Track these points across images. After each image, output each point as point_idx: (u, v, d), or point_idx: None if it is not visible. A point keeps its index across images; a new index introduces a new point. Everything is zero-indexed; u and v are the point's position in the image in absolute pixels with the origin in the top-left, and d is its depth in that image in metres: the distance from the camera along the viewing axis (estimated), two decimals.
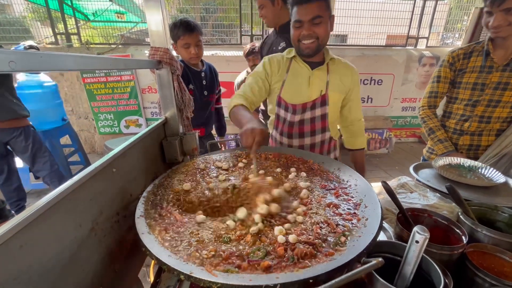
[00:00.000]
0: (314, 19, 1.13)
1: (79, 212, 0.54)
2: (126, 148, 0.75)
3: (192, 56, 1.78)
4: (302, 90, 1.29)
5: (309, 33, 1.16)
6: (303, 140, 1.35)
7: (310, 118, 1.31)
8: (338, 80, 1.31)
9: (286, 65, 1.31)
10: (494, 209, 0.89)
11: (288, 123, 1.32)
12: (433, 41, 4.94)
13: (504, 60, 1.35)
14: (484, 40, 1.42)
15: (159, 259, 0.56)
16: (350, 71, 1.35)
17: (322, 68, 1.28)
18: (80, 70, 0.46)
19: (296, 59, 1.30)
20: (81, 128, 4.50)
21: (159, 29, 1.02)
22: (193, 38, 1.73)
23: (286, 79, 1.29)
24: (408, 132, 5.06)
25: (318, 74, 1.28)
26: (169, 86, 1.08)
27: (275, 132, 1.41)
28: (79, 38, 4.27)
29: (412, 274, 0.57)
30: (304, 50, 1.21)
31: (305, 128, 1.32)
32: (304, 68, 1.28)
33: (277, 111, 1.35)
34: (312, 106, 1.29)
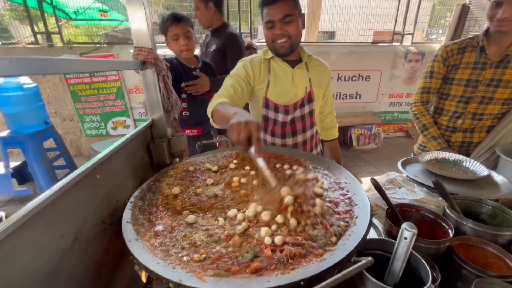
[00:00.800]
0: (285, 17, 1.14)
1: (60, 222, 0.52)
2: (110, 153, 0.73)
3: (182, 49, 1.72)
4: (288, 89, 1.29)
5: (281, 32, 1.17)
6: (296, 138, 1.37)
7: (301, 116, 1.33)
8: (318, 76, 1.36)
9: (266, 66, 1.30)
10: (478, 202, 0.91)
11: (280, 124, 1.32)
12: (418, 37, 5.06)
13: (498, 56, 1.35)
14: (478, 35, 1.41)
15: (146, 267, 0.54)
16: (325, 67, 1.41)
17: (301, 66, 1.31)
18: (51, 74, 0.43)
19: (275, 60, 1.30)
20: (66, 131, 4.36)
21: (142, 28, 0.99)
22: (182, 29, 1.68)
23: (270, 80, 1.29)
24: (396, 127, 5.17)
25: (299, 72, 1.31)
26: (155, 87, 1.05)
27: (264, 134, 1.39)
28: (61, 37, 4.11)
29: (401, 270, 0.58)
30: (279, 50, 1.23)
31: (297, 126, 1.34)
32: (285, 67, 1.29)
33: (265, 113, 1.33)
34: (301, 104, 1.31)
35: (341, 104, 4.71)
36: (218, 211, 0.78)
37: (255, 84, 1.30)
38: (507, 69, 1.34)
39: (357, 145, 4.57)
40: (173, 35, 1.69)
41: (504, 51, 1.33)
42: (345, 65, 4.40)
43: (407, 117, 5.06)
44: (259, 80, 1.30)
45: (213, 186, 0.91)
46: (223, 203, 0.82)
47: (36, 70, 0.45)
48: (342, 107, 4.72)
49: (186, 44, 1.71)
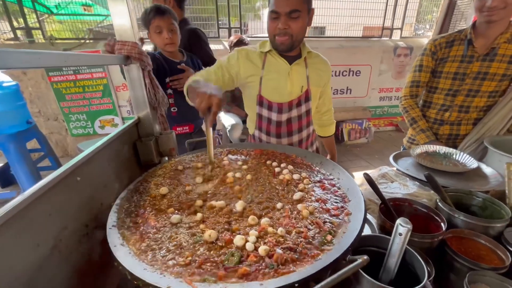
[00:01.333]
0: (292, 12, 1.06)
1: (35, 230, 0.48)
2: (91, 154, 0.68)
3: (166, 42, 1.65)
4: (283, 87, 1.22)
5: (284, 27, 1.08)
6: (292, 138, 1.33)
7: (298, 115, 1.28)
8: (317, 74, 1.29)
9: (260, 59, 1.22)
10: (469, 194, 0.92)
11: (275, 123, 1.27)
12: (407, 32, 5.10)
13: (484, 49, 1.37)
14: (466, 29, 1.42)
15: (132, 274, 0.51)
16: (326, 65, 1.34)
17: (300, 62, 1.23)
18: (27, 68, 0.39)
19: (272, 54, 1.22)
20: (50, 131, 4.20)
21: (125, 22, 0.94)
22: (165, 21, 1.61)
23: (263, 76, 1.22)
24: (386, 121, 5.24)
25: (296, 69, 1.23)
26: (140, 83, 1.01)
27: (259, 133, 1.34)
28: (42, 33, 3.93)
29: (396, 267, 0.57)
30: (279, 46, 1.16)
31: (293, 126, 1.30)
32: (282, 63, 1.21)
33: (259, 111, 1.28)
34: (298, 103, 1.26)
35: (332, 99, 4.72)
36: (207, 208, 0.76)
37: (240, 75, 1.23)
38: (493, 62, 1.36)
39: (348, 140, 4.61)
40: (156, 27, 1.62)
41: (490, 44, 1.35)
42: (336, 60, 4.40)
43: (397, 111, 5.14)
44: (248, 73, 1.23)
45: (203, 184, 0.88)
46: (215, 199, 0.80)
47: (15, 64, 0.41)
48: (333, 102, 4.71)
49: (169, 38, 1.64)
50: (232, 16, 4.35)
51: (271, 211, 0.74)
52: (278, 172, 0.94)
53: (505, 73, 1.36)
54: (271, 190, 0.85)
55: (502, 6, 1.21)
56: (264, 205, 0.77)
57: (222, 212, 0.73)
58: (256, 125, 1.34)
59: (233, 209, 0.75)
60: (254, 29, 5.00)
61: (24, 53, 0.42)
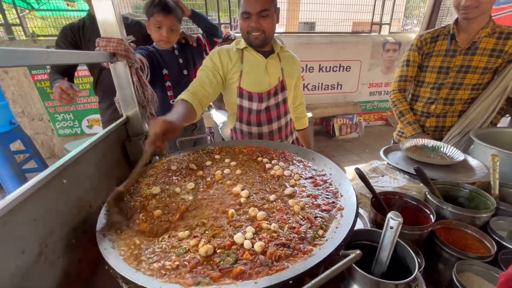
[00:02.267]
0: (261, 12, 1.18)
1: (19, 236, 0.46)
2: (78, 155, 0.66)
3: (162, 39, 1.63)
4: (262, 78, 1.32)
5: (256, 25, 1.20)
6: (271, 126, 1.40)
7: (275, 103, 1.37)
8: (289, 67, 1.41)
9: (238, 56, 1.32)
10: (456, 186, 0.95)
11: (255, 112, 1.34)
12: (395, 27, 5.16)
13: (466, 44, 1.41)
14: (449, 24, 1.46)
15: (124, 277, 0.50)
16: (296, 60, 1.46)
17: (274, 56, 1.35)
18: (3, 67, 0.35)
19: (248, 50, 1.33)
20: (36, 131, 4.06)
21: (109, 17, 0.90)
22: (168, 21, 1.58)
23: (243, 69, 1.30)
24: (376, 116, 5.32)
25: (272, 62, 1.34)
26: (128, 81, 0.98)
27: (240, 124, 1.40)
28: (23, 29, 3.77)
29: (388, 259, 0.58)
30: (253, 42, 1.27)
31: (272, 114, 1.38)
32: (259, 57, 1.32)
33: (240, 103, 1.35)
34: (275, 92, 1.35)
35: (323, 94, 4.76)
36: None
37: (225, 73, 1.31)
38: (475, 56, 1.40)
39: (339, 135, 4.66)
40: (156, 22, 1.59)
41: (472, 38, 1.39)
42: (326, 55, 4.42)
43: (387, 105, 5.22)
44: (230, 70, 1.30)
45: (195, 190, 0.86)
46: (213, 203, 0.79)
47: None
48: (324, 97, 4.77)
49: (167, 37, 1.62)
50: (222, 11, 4.29)
51: (267, 203, 0.75)
52: (269, 168, 0.95)
53: (486, 66, 1.40)
54: (263, 183, 0.85)
55: (475, 5, 1.26)
56: (260, 195, 0.77)
57: (221, 210, 0.72)
58: (237, 117, 1.40)
59: (231, 202, 0.75)
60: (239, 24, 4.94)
61: (7, 51, 0.40)
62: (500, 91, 1.40)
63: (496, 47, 1.37)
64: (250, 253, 0.55)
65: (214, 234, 0.63)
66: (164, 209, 0.75)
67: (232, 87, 1.34)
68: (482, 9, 1.28)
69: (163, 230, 0.67)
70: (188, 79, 1.85)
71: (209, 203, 0.77)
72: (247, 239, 0.59)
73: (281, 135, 1.45)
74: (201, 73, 1.27)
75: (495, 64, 1.39)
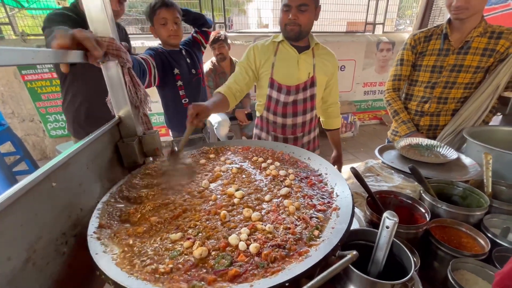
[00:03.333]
0: (301, 6, 1.24)
1: (5, 243, 0.44)
2: (68, 157, 0.64)
3: (170, 34, 1.66)
4: (292, 72, 1.39)
5: (294, 18, 1.26)
6: (296, 119, 1.46)
7: (303, 98, 1.42)
8: (323, 64, 1.44)
9: (273, 48, 1.41)
10: (450, 184, 0.95)
11: (282, 104, 1.42)
12: (388, 27, 5.21)
13: (459, 43, 1.42)
14: (442, 24, 1.48)
15: (116, 282, 0.49)
16: (332, 56, 1.50)
17: (308, 52, 1.40)
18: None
19: (283, 43, 1.40)
20: (26, 133, 3.97)
21: (100, 16, 0.88)
22: (170, 13, 1.63)
23: (275, 62, 1.39)
24: (371, 115, 5.36)
25: (304, 57, 1.39)
26: (120, 81, 0.95)
27: (267, 113, 1.49)
28: (12, 28, 3.68)
29: (384, 259, 0.58)
30: (288, 33, 1.33)
31: (298, 108, 1.44)
32: (292, 51, 1.39)
33: (269, 93, 1.43)
34: (304, 87, 1.40)
35: None
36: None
37: (257, 68, 1.42)
38: (468, 55, 1.42)
39: None
40: (161, 19, 1.63)
41: (464, 38, 1.41)
42: None
43: (381, 105, 5.27)
44: (263, 64, 1.41)
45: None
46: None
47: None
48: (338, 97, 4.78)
49: (174, 29, 1.66)
50: (216, 10, 4.26)
51: (261, 203, 0.74)
52: (265, 167, 0.94)
53: (478, 65, 1.42)
54: (258, 182, 0.85)
55: (465, 7, 1.28)
56: (254, 196, 0.76)
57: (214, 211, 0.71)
58: (265, 106, 1.48)
59: (223, 203, 0.74)
60: (239, 24, 4.92)
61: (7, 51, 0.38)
62: (492, 90, 1.42)
63: (488, 47, 1.39)
64: (245, 254, 0.55)
65: (208, 236, 0.62)
66: (159, 211, 0.73)
67: (265, 79, 1.42)
68: (473, 11, 1.30)
69: (155, 231, 0.66)
70: (197, 78, 1.88)
71: (201, 204, 0.75)
72: (242, 240, 0.58)
73: (304, 129, 1.51)
74: (237, 69, 1.43)
75: (487, 64, 1.41)
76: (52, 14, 1.42)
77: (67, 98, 1.69)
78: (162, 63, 1.67)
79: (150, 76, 1.55)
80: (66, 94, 1.69)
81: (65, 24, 1.28)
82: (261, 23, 5.37)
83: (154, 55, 1.63)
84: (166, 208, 0.75)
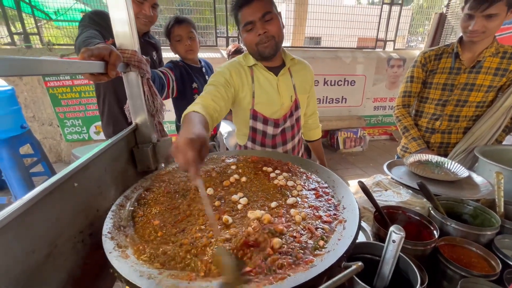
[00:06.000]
0: (265, 15, 1.08)
1: (31, 236, 0.47)
2: (89, 160, 0.69)
3: (186, 49, 1.75)
4: (274, 99, 1.25)
5: (264, 31, 1.09)
6: (286, 146, 1.36)
7: (290, 125, 1.33)
8: (302, 81, 1.33)
9: (249, 74, 1.23)
10: (460, 203, 0.94)
11: (270, 136, 1.30)
12: (399, 43, 5.26)
13: (471, 62, 1.43)
14: (453, 43, 1.49)
15: (128, 280, 0.51)
16: (308, 68, 1.37)
17: (285, 72, 1.26)
18: (28, 75, 0.37)
19: (257, 68, 1.23)
20: (44, 136, 4.15)
21: (125, 30, 0.96)
22: (183, 29, 1.71)
23: (254, 90, 1.22)
24: (380, 130, 5.32)
25: (283, 79, 1.26)
26: (139, 90, 1.02)
27: (252, 144, 1.34)
28: (40, 38, 3.94)
29: (390, 273, 0.58)
30: (264, 52, 1.15)
31: (287, 135, 1.34)
32: (269, 75, 1.23)
33: (253, 124, 1.28)
34: (290, 114, 1.30)
35: (327, 108, 4.80)
36: None
37: (236, 91, 1.21)
38: (479, 74, 1.42)
39: (343, 148, 4.65)
40: (176, 36, 1.72)
41: (476, 57, 1.41)
42: (331, 70, 4.50)
43: (391, 120, 5.23)
44: (242, 88, 1.22)
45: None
46: None
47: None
48: (328, 111, 4.81)
49: (189, 44, 1.74)
50: (230, 25, 4.43)
51: (267, 209, 0.76)
52: (273, 177, 0.96)
53: (490, 84, 1.42)
54: (266, 191, 0.87)
55: (482, 31, 1.29)
56: (260, 203, 0.78)
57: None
58: (249, 137, 1.33)
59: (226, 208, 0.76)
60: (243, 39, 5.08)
61: (27, 61, 0.43)
62: (505, 109, 1.41)
63: (500, 66, 1.39)
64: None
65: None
66: (163, 215, 0.76)
67: (244, 107, 1.25)
68: (489, 34, 1.31)
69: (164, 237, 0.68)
70: None
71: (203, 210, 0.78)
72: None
73: (294, 153, 1.42)
74: (210, 88, 1.12)
75: (500, 83, 1.41)
76: (91, 13, 1.44)
77: (104, 102, 1.70)
78: (181, 76, 1.75)
79: (168, 89, 1.63)
80: (103, 98, 1.71)
81: (100, 24, 1.32)
82: None
83: (173, 67, 1.72)
84: (171, 212, 0.77)
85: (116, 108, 1.64)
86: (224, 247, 0.57)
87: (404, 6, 4.91)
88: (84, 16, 1.43)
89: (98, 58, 0.76)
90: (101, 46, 0.79)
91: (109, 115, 1.67)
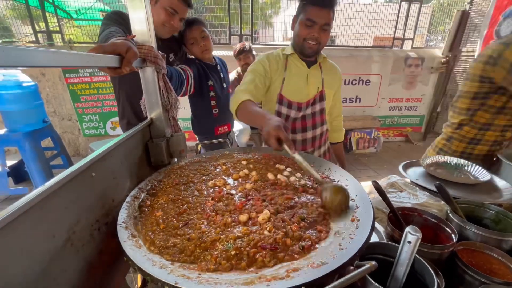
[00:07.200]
0: (325, 25, 1.22)
1: (52, 221, 0.50)
2: (107, 151, 0.71)
3: (202, 50, 1.77)
4: (301, 87, 1.36)
5: (317, 36, 1.24)
6: (306, 134, 1.42)
7: (312, 113, 1.40)
8: (330, 78, 1.44)
9: (283, 62, 1.36)
10: (481, 207, 0.90)
11: (291, 119, 1.38)
12: (418, 42, 5.07)
13: None
14: None
15: (141, 269, 0.52)
16: (337, 70, 1.49)
17: (316, 66, 1.39)
18: (26, 67, 0.38)
19: (293, 57, 1.36)
20: (64, 130, 4.33)
21: (143, 28, 0.98)
22: (196, 31, 1.73)
23: (285, 77, 1.35)
24: (396, 131, 5.17)
25: (314, 72, 1.38)
26: (154, 85, 1.04)
27: None
28: (61, 36, 4.11)
29: (405, 275, 0.56)
30: (307, 50, 1.29)
31: (307, 122, 1.41)
32: (302, 66, 1.36)
33: (278, 109, 1.38)
34: (313, 102, 1.39)
35: None
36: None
37: (271, 79, 1.35)
38: None
39: (356, 149, 4.56)
40: (190, 39, 1.74)
41: None
42: (345, 69, 4.41)
43: (407, 121, 5.07)
44: (276, 76, 1.35)
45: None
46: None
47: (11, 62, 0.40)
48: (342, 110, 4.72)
49: (204, 45, 1.75)
50: (244, 23, 4.44)
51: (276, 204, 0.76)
52: (287, 176, 0.95)
53: None
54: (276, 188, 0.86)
55: None
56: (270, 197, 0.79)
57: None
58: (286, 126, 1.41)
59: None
60: (265, 37, 5.09)
61: (55, 53, 0.45)
62: None
63: None
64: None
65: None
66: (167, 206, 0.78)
67: (273, 93, 1.37)
68: None
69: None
70: (226, 92, 2.00)
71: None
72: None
73: (314, 145, 1.47)
74: (252, 76, 1.29)
75: None
76: (111, 12, 1.48)
77: (120, 96, 1.73)
78: (198, 73, 1.78)
79: (187, 86, 1.65)
80: (119, 90, 1.73)
81: (120, 23, 1.35)
82: (286, 36, 5.49)
83: (191, 65, 1.74)
84: (174, 204, 0.78)
85: (131, 102, 1.65)
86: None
87: (424, 4, 4.73)
88: (106, 15, 1.49)
89: (114, 53, 0.78)
90: (119, 42, 0.81)
91: (124, 108, 1.70)
